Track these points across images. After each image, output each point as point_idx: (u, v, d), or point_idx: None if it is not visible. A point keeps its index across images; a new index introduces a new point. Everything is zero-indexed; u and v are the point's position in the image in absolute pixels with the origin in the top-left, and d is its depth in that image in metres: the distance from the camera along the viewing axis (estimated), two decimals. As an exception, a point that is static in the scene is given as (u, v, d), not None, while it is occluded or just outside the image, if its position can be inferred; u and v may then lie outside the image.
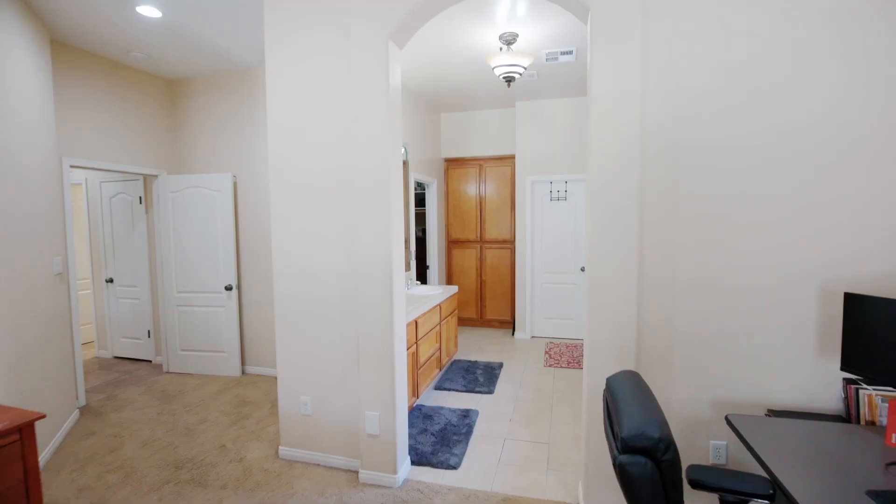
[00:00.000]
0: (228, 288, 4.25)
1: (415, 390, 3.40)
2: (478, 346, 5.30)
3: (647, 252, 2.10)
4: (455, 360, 4.70)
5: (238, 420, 3.37)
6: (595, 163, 2.11)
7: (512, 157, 5.82)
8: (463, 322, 6.22)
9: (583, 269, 5.45)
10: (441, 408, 3.51)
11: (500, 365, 4.56)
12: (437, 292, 4.24)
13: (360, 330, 2.50)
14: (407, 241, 4.75)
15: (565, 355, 4.90)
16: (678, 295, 2.08)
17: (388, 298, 2.42)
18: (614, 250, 2.10)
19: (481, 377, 4.21)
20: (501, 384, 4.08)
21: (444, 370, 4.32)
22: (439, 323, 4.04)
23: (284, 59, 2.59)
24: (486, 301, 6.11)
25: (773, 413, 2.01)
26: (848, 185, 1.90)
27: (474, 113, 5.90)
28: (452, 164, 6.08)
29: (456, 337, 4.67)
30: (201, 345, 4.37)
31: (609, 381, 1.43)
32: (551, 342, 5.42)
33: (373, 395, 2.51)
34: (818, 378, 1.99)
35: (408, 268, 4.71)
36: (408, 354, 3.23)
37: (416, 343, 3.40)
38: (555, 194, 5.48)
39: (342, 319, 2.57)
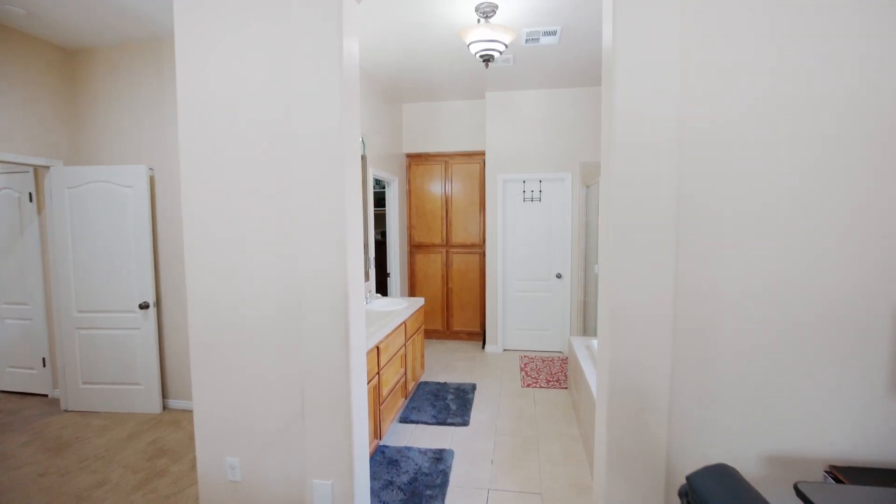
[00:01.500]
0: (144, 306, 3.46)
1: (377, 430, 2.81)
2: (446, 363, 4.76)
3: (683, 268, 1.63)
4: (422, 383, 4.13)
5: (149, 479, 2.64)
6: (617, 155, 1.61)
7: (481, 154, 5.32)
8: (428, 334, 5.66)
9: (558, 276, 5.03)
10: (409, 449, 2.94)
11: (473, 387, 4.03)
12: (400, 307, 3.66)
13: (305, 370, 1.88)
14: (366, 247, 4.14)
15: (543, 372, 4.45)
16: (720, 322, 1.63)
17: (342, 328, 1.82)
18: (642, 267, 1.62)
19: (453, 404, 3.66)
20: (477, 412, 3.56)
21: (410, 397, 3.74)
22: (405, 344, 3.46)
23: (197, 10, 1.93)
24: (454, 311, 5.58)
25: (837, 469, 1.60)
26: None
27: (440, 104, 5.35)
28: (415, 160, 5.51)
29: (423, 356, 4.10)
30: (110, 376, 3.55)
31: (694, 483, 0.93)
32: (526, 356, 4.97)
33: (323, 457, 1.90)
34: (890, 424, 1.60)
35: (367, 278, 4.10)
36: (368, 389, 2.64)
37: (377, 374, 2.81)
38: (528, 194, 5.04)
39: (282, 356, 1.94)
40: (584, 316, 4.96)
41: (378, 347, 2.80)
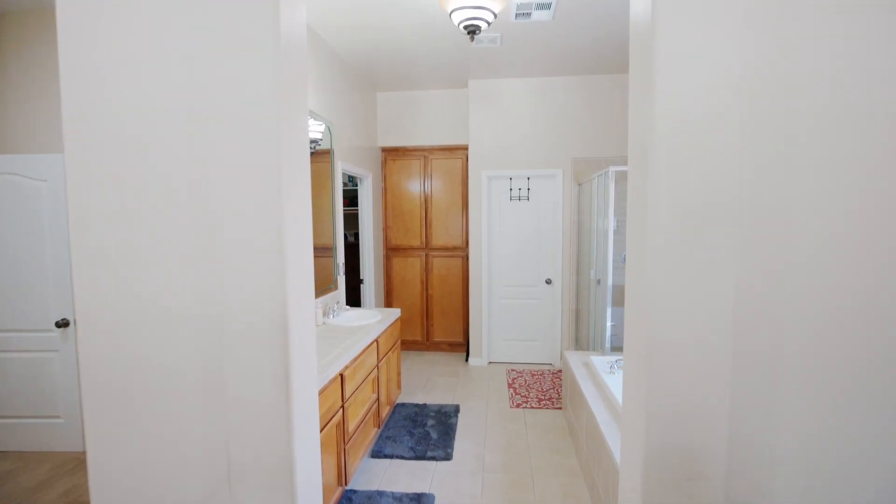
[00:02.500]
0: (63, 324, 2.89)
1: (341, 475, 2.32)
2: (426, 380, 4.28)
3: (744, 281, 1.20)
4: (399, 405, 3.65)
5: (49, 548, 2.09)
6: (659, 147, 1.17)
7: (464, 148, 4.87)
8: (406, 345, 5.17)
9: (548, 282, 4.62)
10: (381, 494, 2.45)
11: (456, 409, 3.57)
12: (373, 320, 3.17)
13: (231, 423, 1.39)
14: (334, 251, 3.63)
15: (533, 389, 4.02)
16: (794, 354, 1.20)
17: (280, 365, 1.33)
18: (693, 279, 1.18)
19: (434, 431, 3.19)
20: (461, 441, 3.10)
21: (384, 424, 3.26)
22: (377, 364, 2.98)
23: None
24: (434, 320, 5.11)
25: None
26: None
27: (418, 93, 4.88)
28: (391, 154, 5.02)
29: (399, 375, 3.62)
30: (22, 408, 2.96)
31: None
32: (513, 370, 4.54)
33: (257, 541, 1.40)
34: None
35: (334, 286, 3.59)
36: (331, 426, 2.15)
37: (342, 407, 2.32)
38: (515, 193, 4.61)
39: (200, 404, 1.44)
40: (577, 325, 4.56)
41: (342, 375, 2.31)
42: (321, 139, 2.88)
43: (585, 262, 4.40)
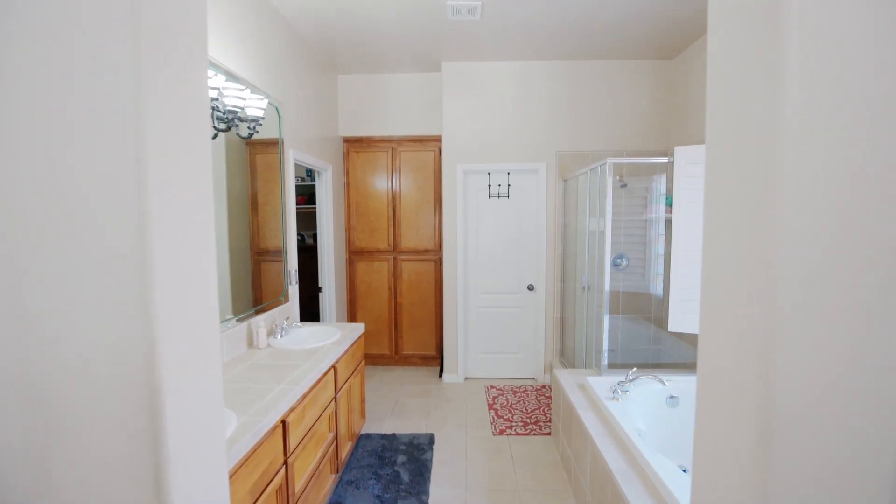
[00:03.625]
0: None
1: (285, 552, 1.76)
2: (395, 401, 3.75)
3: None
4: (363, 437, 3.10)
5: None
6: (792, 138, 0.70)
7: (437, 139, 4.37)
8: (371, 360, 4.62)
9: (530, 288, 4.19)
10: (338, 571, 1.91)
11: (430, 440, 3.06)
12: (331, 339, 2.61)
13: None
14: (284, 256, 3.05)
15: (516, 409, 3.56)
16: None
17: (146, 470, 0.79)
18: (859, 322, 0.72)
19: (405, 471, 2.67)
20: (438, 483, 2.59)
21: (344, 466, 2.70)
22: (335, 396, 2.43)
23: None
24: (403, 331, 4.58)
25: None
26: None
27: (386, 77, 4.34)
28: (355, 145, 4.46)
29: (363, 401, 3.08)
30: None
31: None
32: (493, 386, 4.07)
33: None
34: None
35: (283, 297, 3.01)
36: (269, 492, 1.59)
37: (285, 464, 1.77)
38: (494, 189, 4.15)
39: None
40: (562, 336, 4.15)
41: (285, 423, 1.76)
42: (263, 118, 2.31)
43: (571, 267, 3.99)
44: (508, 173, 4.11)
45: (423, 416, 3.48)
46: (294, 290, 3.16)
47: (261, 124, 2.31)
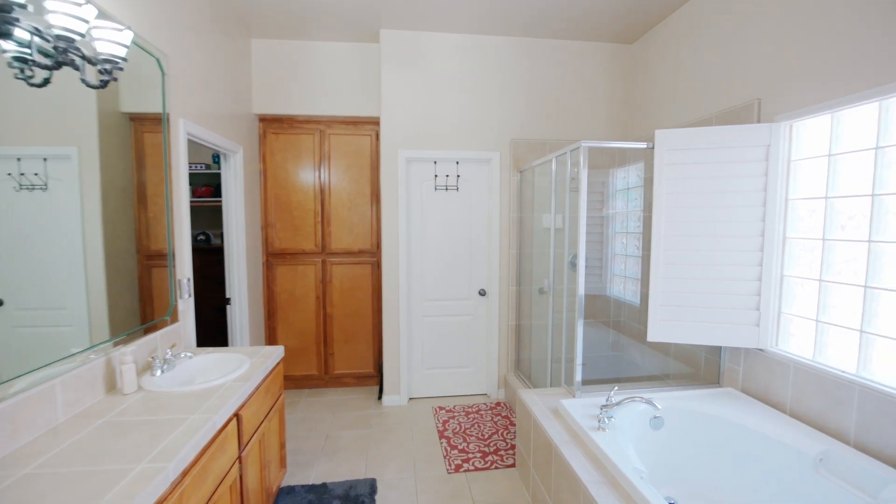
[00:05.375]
0: None
1: None
2: (324, 437, 3.08)
3: None
4: (284, 494, 2.40)
5: None
6: None
7: (374, 122, 3.76)
8: (296, 384, 3.88)
9: (482, 293, 3.71)
10: None
11: (372, 489, 2.45)
12: (234, 374, 1.91)
13: None
14: (171, 261, 2.27)
15: (472, 435, 3.06)
16: None
17: None
18: None
19: (340, 540, 2.04)
20: (384, 553, 2.00)
21: (256, 537, 2.01)
22: (240, 455, 1.75)
23: None
24: (336, 347, 3.90)
25: None
26: None
27: (311, 45, 3.64)
28: (274, 126, 3.70)
29: (282, 447, 2.39)
30: None
31: None
32: (442, 407, 3.53)
33: None
34: None
35: (169, 316, 2.24)
36: None
37: None
38: (441, 181, 3.62)
39: None
40: (518, 346, 3.72)
41: (142, 533, 1.08)
42: (124, 61, 1.57)
43: (528, 268, 3.57)
44: (457, 162, 3.60)
45: (360, 453, 2.85)
46: (187, 305, 2.39)
47: (121, 68, 1.57)
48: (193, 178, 4.03)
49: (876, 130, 1.86)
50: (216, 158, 4.08)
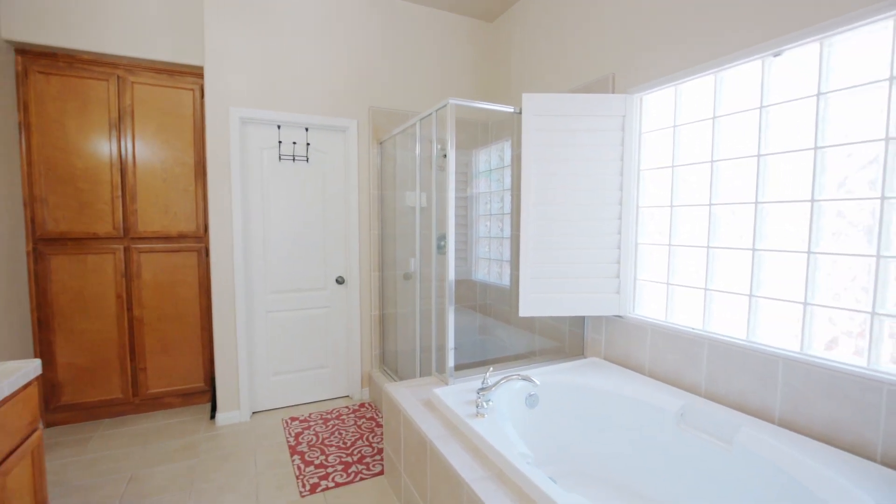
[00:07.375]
0: None
1: None
2: (127, 479, 2.28)
3: None
4: (44, 572, 1.63)
5: None
6: None
7: (197, 73, 3.00)
8: (88, 413, 2.90)
9: (339, 282, 3.25)
10: None
11: (196, 537, 1.83)
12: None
13: None
14: None
15: (331, 446, 2.60)
16: None
17: None
18: None
19: None
20: None
21: None
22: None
23: None
24: (148, 359, 3.02)
25: None
26: None
27: (99, -38, 2.73)
28: (43, 63, 2.69)
29: (44, 506, 1.62)
30: None
31: None
32: (294, 418, 2.97)
33: None
34: None
35: None
36: None
37: None
38: (288, 149, 3.06)
39: None
40: (383, 338, 3.36)
41: None
42: None
43: (391, 252, 3.25)
44: (307, 129, 3.08)
45: (182, 493, 2.17)
46: None
47: None
48: None
49: (713, 101, 1.99)
50: (-57, 105, 2.83)
